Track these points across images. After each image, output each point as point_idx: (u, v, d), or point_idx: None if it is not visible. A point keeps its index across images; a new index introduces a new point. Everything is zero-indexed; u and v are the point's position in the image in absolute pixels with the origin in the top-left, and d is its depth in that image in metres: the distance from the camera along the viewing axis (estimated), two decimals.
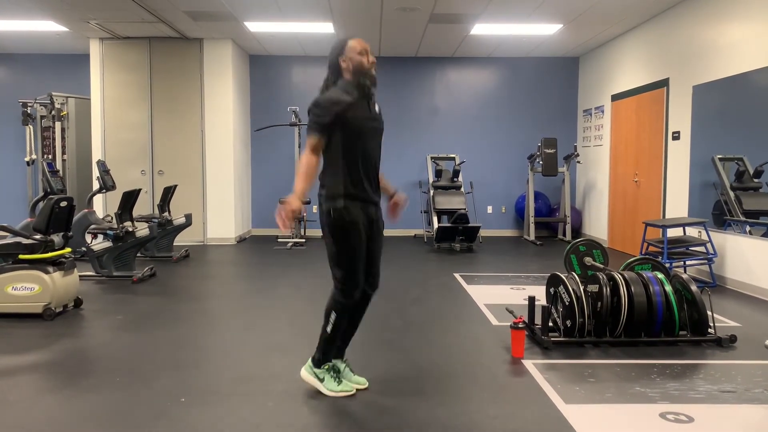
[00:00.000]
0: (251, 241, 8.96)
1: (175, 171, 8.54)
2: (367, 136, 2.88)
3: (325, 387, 2.95)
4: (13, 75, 9.57)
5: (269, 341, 3.90)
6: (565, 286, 3.75)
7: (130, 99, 8.52)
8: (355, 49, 2.86)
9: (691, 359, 3.53)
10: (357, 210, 2.86)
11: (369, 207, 2.92)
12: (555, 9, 6.85)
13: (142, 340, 3.93)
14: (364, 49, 2.87)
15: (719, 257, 5.73)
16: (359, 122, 2.84)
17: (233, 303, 5.21)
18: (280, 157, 9.50)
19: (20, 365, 3.43)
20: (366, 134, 2.87)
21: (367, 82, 2.85)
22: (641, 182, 7.45)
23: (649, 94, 7.24)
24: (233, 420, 2.67)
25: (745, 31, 5.46)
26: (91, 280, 5.79)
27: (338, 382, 2.96)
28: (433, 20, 7.37)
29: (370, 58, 2.87)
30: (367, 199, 2.91)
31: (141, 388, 3.04)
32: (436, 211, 8.32)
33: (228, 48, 8.47)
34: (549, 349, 3.65)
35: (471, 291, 5.44)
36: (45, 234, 4.45)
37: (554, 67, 9.64)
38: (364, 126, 2.86)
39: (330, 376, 2.96)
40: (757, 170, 5.36)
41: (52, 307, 4.37)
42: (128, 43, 8.43)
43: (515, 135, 9.64)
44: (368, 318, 3.13)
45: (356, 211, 2.86)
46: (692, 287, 3.81)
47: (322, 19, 7.29)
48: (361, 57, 2.85)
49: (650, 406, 2.81)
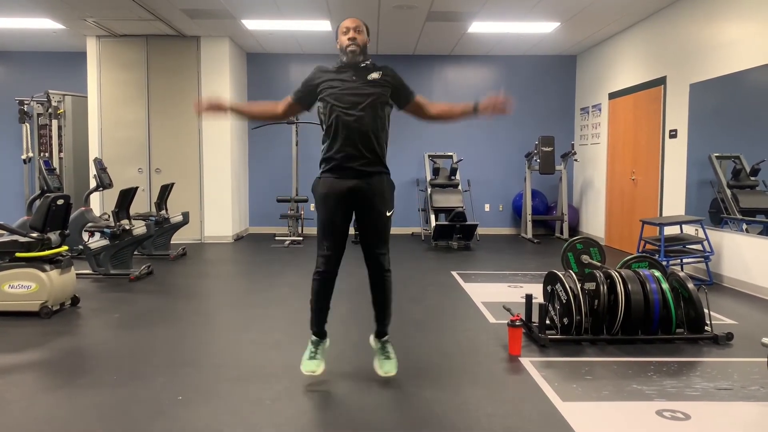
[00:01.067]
0: (249, 239, 8.95)
1: (172, 169, 8.53)
2: (346, 108, 2.92)
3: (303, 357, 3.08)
4: (9, 73, 9.54)
5: (267, 339, 3.90)
6: (562, 284, 3.75)
7: (127, 97, 8.50)
8: (341, 29, 3.06)
9: (688, 357, 3.54)
10: (331, 182, 2.96)
11: (347, 180, 2.94)
12: (552, 7, 6.85)
13: (139, 339, 3.92)
14: (347, 27, 3.02)
15: (716, 255, 5.74)
16: (335, 96, 2.95)
17: (231, 301, 5.21)
18: (278, 155, 9.49)
19: (17, 364, 3.43)
20: (344, 106, 2.93)
21: (343, 59, 3.01)
22: (638, 180, 7.46)
23: (647, 93, 7.25)
24: (231, 418, 2.66)
25: (742, 29, 5.46)
26: (88, 278, 5.78)
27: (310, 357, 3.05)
28: (431, 18, 7.37)
29: (348, 35, 2.99)
30: (345, 171, 2.94)
31: (138, 387, 3.03)
32: (434, 209, 8.33)
33: (225, 46, 8.46)
34: (546, 346, 3.65)
35: (468, 289, 5.45)
36: (42, 232, 4.44)
37: (552, 66, 9.64)
38: (341, 99, 2.94)
39: (309, 349, 3.08)
40: (753, 168, 5.37)
41: (49, 305, 4.36)
42: (125, 41, 8.41)
43: (513, 133, 9.65)
44: (365, 316, 3.14)
45: (330, 183, 2.96)
46: (689, 285, 3.82)
47: (319, 16, 7.28)
48: (342, 35, 3.02)
49: (647, 404, 2.82)
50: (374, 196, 2.98)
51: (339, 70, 3.02)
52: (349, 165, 2.93)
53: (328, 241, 2.98)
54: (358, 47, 2.99)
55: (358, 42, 2.99)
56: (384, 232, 3.04)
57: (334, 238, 2.98)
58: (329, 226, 2.98)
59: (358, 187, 2.95)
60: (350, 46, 2.98)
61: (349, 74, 2.99)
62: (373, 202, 2.98)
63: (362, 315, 3.16)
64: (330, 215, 2.97)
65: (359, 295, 3.05)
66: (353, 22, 3.02)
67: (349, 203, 2.98)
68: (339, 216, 2.98)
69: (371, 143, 2.95)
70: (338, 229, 2.99)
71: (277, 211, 8.96)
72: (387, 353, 3.11)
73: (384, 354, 3.11)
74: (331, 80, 2.99)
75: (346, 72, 3.00)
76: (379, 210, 3.00)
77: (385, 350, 3.12)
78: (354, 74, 2.99)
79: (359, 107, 2.93)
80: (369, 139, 2.94)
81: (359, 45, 2.99)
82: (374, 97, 2.97)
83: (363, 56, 3.02)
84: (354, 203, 2.98)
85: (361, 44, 3.00)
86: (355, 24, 3.02)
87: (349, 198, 2.96)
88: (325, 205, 2.97)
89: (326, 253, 2.98)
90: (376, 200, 2.98)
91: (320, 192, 2.99)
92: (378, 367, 3.09)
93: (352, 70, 3.00)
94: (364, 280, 3.12)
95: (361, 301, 3.06)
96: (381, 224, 3.02)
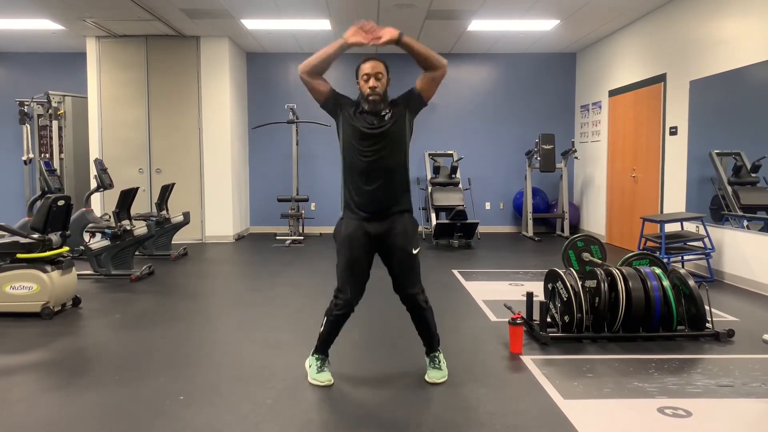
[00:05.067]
0: (249, 239, 8.95)
1: (172, 169, 8.53)
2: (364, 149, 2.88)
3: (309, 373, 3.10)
4: (9, 74, 9.55)
5: (268, 339, 3.90)
6: (563, 282, 3.75)
7: (127, 97, 8.50)
8: (360, 73, 2.94)
9: (689, 354, 3.54)
10: (353, 224, 2.93)
11: (369, 223, 2.92)
12: (552, 5, 6.84)
13: (141, 339, 3.93)
14: (366, 74, 2.91)
15: (717, 252, 5.74)
16: (353, 137, 2.91)
17: (232, 301, 5.21)
18: (278, 155, 9.49)
19: (19, 364, 3.43)
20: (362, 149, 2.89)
21: (365, 107, 2.92)
22: (639, 178, 7.45)
23: (647, 90, 7.24)
24: (232, 418, 2.67)
25: (741, 26, 5.45)
26: (89, 278, 5.78)
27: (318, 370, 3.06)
28: (430, 17, 7.36)
29: (369, 84, 2.89)
30: (366, 213, 2.91)
31: (140, 387, 3.04)
32: (434, 207, 8.33)
33: (225, 46, 8.45)
34: (547, 344, 3.65)
35: (469, 287, 5.45)
36: (43, 233, 4.45)
37: (551, 63, 9.63)
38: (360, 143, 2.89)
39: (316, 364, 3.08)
40: (754, 165, 5.36)
41: (50, 306, 4.37)
42: (125, 41, 8.41)
43: (513, 131, 9.64)
44: (367, 315, 3.14)
45: (352, 225, 2.93)
46: (690, 282, 3.82)
47: (319, 16, 7.28)
48: (363, 82, 2.93)
49: (648, 401, 2.82)
50: (397, 236, 2.94)
51: (359, 112, 2.93)
52: (370, 206, 2.91)
53: (350, 284, 2.94)
54: (379, 96, 2.89)
55: (379, 91, 2.89)
56: (413, 271, 2.99)
57: (356, 281, 2.95)
58: (352, 269, 2.93)
59: (381, 228, 2.92)
60: (371, 96, 2.88)
61: (369, 120, 2.91)
62: (396, 242, 2.94)
63: (363, 316, 3.16)
64: (354, 259, 2.92)
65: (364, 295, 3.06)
66: (373, 68, 2.91)
67: (373, 246, 2.94)
68: (361, 259, 2.94)
69: (391, 182, 2.92)
70: (362, 271, 2.96)
71: (278, 211, 8.96)
72: (436, 364, 3.13)
73: (433, 364, 3.13)
74: (351, 118, 2.92)
75: (366, 117, 2.92)
76: (404, 249, 2.95)
77: (434, 362, 3.13)
78: (375, 119, 2.92)
79: (379, 148, 2.88)
80: (389, 178, 2.91)
81: (380, 94, 2.90)
82: (393, 134, 2.91)
83: (383, 104, 2.92)
84: (377, 246, 2.95)
85: (381, 92, 2.90)
86: (375, 71, 2.90)
87: (371, 241, 2.93)
88: (348, 247, 2.92)
89: (347, 297, 2.94)
90: (398, 240, 2.94)
91: (342, 234, 2.95)
92: (427, 377, 3.09)
93: (372, 116, 2.92)
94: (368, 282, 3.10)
95: (362, 302, 3.06)
96: (408, 264, 2.97)
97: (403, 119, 2.96)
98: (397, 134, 2.94)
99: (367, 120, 2.91)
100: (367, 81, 2.90)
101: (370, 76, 2.90)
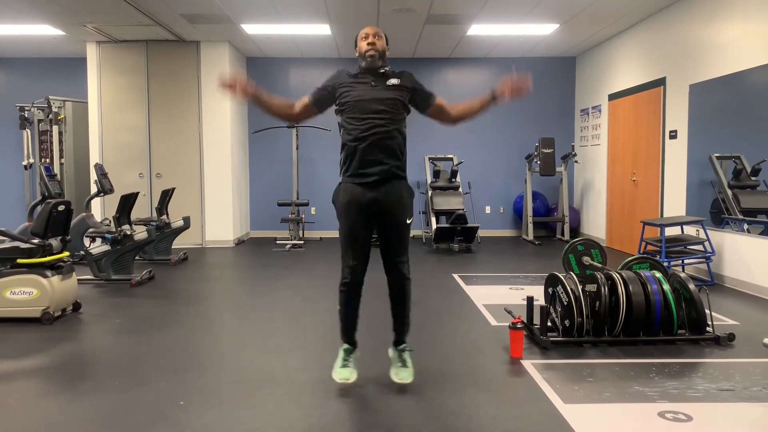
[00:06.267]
0: (250, 244, 8.95)
1: (172, 174, 8.53)
2: (365, 113, 2.94)
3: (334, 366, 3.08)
4: (10, 79, 9.56)
5: (268, 344, 3.90)
6: (563, 286, 3.75)
7: (128, 102, 8.51)
8: (360, 36, 3.08)
9: (690, 358, 3.53)
10: (352, 190, 2.96)
11: (368, 189, 2.93)
12: (551, 9, 6.85)
13: (141, 344, 3.92)
14: (366, 33, 3.06)
15: (717, 256, 5.74)
16: (354, 100, 2.97)
17: (232, 305, 5.21)
18: (278, 159, 9.49)
19: (19, 369, 3.43)
20: (364, 111, 2.94)
21: (362, 64, 3.04)
22: (639, 181, 7.46)
23: (646, 93, 7.25)
24: (232, 423, 2.66)
25: (741, 29, 5.47)
26: (89, 283, 5.78)
27: (343, 365, 3.04)
28: (430, 21, 7.38)
29: (368, 41, 3.02)
30: (365, 177, 2.94)
31: (140, 392, 3.04)
32: (435, 211, 8.33)
33: (225, 50, 8.47)
34: (548, 349, 3.65)
35: (469, 291, 5.44)
36: (43, 238, 4.45)
37: (551, 67, 9.64)
38: (360, 104, 2.96)
39: (341, 357, 3.07)
40: (754, 168, 5.37)
41: (50, 311, 4.37)
42: (125, 46, 8.43)
43: (513, 135, 9.65)
44: (367, 318, 3.14)
45: (351, 191, 2.96)
46: (690, 286, 3.82)
47: (318, 20, 7.29)
48: (362, 41, 3.05)
49: (649, 405, 2.81)
50: (394, 204, 2.97)
51: (358, 75, 3.04)
52: (369, 170, 2.93)
53: (354, 251, 2.97)
54: (377, 52, 3.01)
55: (377, 47, 3.01)
56: (404, 240, 3.03)
57: (358, 246, 2.97)
58: (353, 235, 2.97)
59: (379, 195, 2.94)
60: (369, 51, 3.00)
61: (368, 79, 3.01)
62: (395, 210, 2.98)
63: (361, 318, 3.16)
64: (353, 225, 2.96)
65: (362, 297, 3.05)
66: (372, 29, 3.06)
67: (371, 212, 2.96)
68: (361, 225, 2.97)
69: (391, 148, 2.95)
70: (362, 238, 2.98)
71: (278, 215, 8.96)
72: (404, 361, 3.11)
73: (401, 361, 3.11)
74: (350, 84, 3.02)
75: (365, 77, 3.02)
76: (400, 218, 2.99)
77: (402, 358, 3.12)
78: (373, 79, 3.01)
79: (379, 112, 2.94)
80: (388, 143, 2.94)
81: (378, 50, 3.01)
82: (393, 102, 2.98)
83: (382, 61, 3.05)
84: (376, 212, 2.97)
85: (380, 49, 3.02)
86: (374, 31, 3.05)
87: (370, 207, 2.95)
88: (348, 214, 2.97)
89: (352, 263, 2.97)
90: (396, 208, 2.98)
91: (342, 201, 2.99)
92: (394, 375, 3.07)
93: (371, 75, 3.02)
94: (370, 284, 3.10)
95: (361, 303, 3.06)
96: (402, 232, 3.01)
97: (405, 91, 3.05)
98: (397, 99, 3.01)
99: (367, 79, 3.01)
100: (366, 38, 3.04)
101: (369, 35, 3.05)
